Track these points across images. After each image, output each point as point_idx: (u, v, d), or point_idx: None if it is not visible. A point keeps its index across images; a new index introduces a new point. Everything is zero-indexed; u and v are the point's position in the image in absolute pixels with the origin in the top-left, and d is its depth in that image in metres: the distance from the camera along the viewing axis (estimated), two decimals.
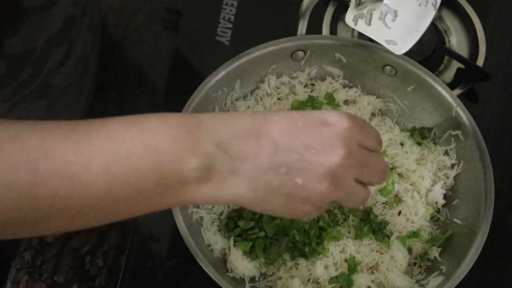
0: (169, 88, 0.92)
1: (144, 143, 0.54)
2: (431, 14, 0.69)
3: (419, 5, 0.69)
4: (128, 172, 0.53)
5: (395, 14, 0.70)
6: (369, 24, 0.71)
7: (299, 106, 0.84)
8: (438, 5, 0.69)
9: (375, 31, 0.71)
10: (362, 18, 0.71)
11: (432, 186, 0.82)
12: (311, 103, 0.83)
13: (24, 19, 0.63)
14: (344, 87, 0.87)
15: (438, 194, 0.82)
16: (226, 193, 0.56)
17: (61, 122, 0.54)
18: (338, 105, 0.85)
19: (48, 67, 0.71)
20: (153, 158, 0.54)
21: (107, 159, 0.53)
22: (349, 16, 0.72)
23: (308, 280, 0.77)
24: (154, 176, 0.54)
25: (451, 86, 0.91)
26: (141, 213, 0.58)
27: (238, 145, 0.55)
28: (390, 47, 0.71)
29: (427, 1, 0.69)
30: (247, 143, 0.56)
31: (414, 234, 0.80)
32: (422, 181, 0.82)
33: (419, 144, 0.85)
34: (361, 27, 0.72)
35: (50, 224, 0.54)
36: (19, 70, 0.67)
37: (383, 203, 0.81)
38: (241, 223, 0.77)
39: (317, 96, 0.85)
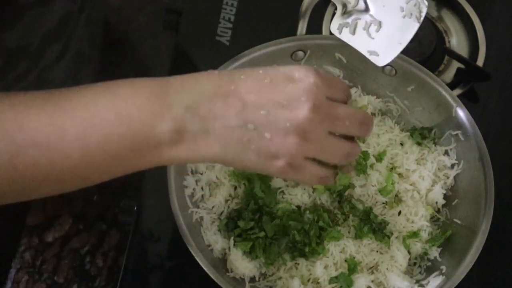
0: None
1: (115, 110, 0.56)
2: (414, 27, 0.70)
3: (404, 17, 0.70)
4: (102, 139, 0.56)
5: (380, 25, 0.70)
6: (353, 33, 0.72)
7: None
8: (422, 18, 0.70)
9: (359, 41, 0.72)
10: (346, 27, 0.72)
11: (432, 186, 0.82)
12: None
13: (20, 14, 0.63)
14: None
15: (438, 194, 0.82)
16: (199, 152, 0.58)
17: (36, 93, 0.56)
18: None
19: (44, 62, 0.71)
20: (125, 124, 0.56)
21: (81, 128, 0.55)
22: (334, 25, 0.72)
23: (308, 280, 0.77)
24: (127, 141, 0.56)
25: (451, 86, 0.91)
26: (118, 175, 0.60)
27: (207, 105, 0.57)
28: (372, 58, 0.71)
29: (411, 14, 0.70)
30: (216, 103, 0.57)
31: (414, 234, 0.80)
32: (422, 181, 0.82)
33: (419, 144, 0.85)
34: (345, 36, 0.72)
35: (34, 192, 0.57)
36: (14, 64, 0.68)
37: (383, 203, 0.81)
38: (241, 223, 0.77)
39: None
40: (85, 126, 0.55)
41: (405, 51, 0.86)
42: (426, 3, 0.70)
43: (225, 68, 0.81)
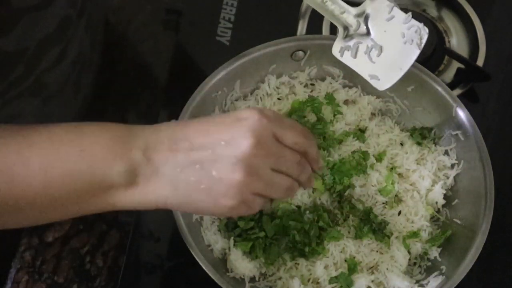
0: (169, 88, 0.92)
1: (80, 146, 0.58)
2: (415, 53, 0.71)
3: (405, 43, 0.71)
4: (64, 172, 0.58)
5: (381, 49, 0.71)
6: (355, 57, 0.73)
7: (299, 106, 0.84)
8: (422, 45, 0.71)
9: (360, 64, 0.73)
10: (348, 50, 0.72)
11: (432, 186, 0.82)
12: (311, 103, 0.83)
13: (16, 18, 0.64)
14: (344, 87, 0.87)
15: (438, 194, 0.82)
16: (151, 196, 0.60)
17: (9, 125, 0.59)
18: (338, 105, 0.85)
19: (42, 66, 0.72)
20: (87, 161, 0.58)
21: (46, 160, 0.57)
22: (336, 47, 0.73)
23: (308, 280, 0.77)
24: (87, 177, 0.58)
25: (451, 86, 0.91)
26: (76, 214, 0.62)
27: (160, 149, 0.60)
28: (373, 82, 0.72)
29: (412, 40, 0.70)
30: (168, 146, 0.60)
31: (414, 234, 0.80)
32: (422, 181, 0.82)
33: (419, 144, 0.85)
34: (347, 59, 0.73)
35: None
36: (11, 68, 0.68)
37: (383, 203, 0.81)
38: (241, 223, 0.77)
39: (317, 96, 0.85)
40: (50, 159, 0.58)
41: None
42: (427, 30, 0.71)
43: (225, 68, 0.81)
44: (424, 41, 0.70)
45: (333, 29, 0.98)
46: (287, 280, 0.76)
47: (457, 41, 1.00)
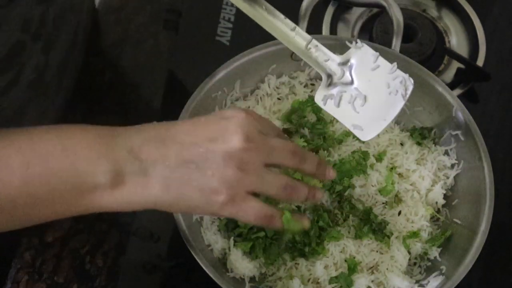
0: (169, 88, 0.92)
1: (62, 145, 0.57)
2: (400, 104, 0.70)
3: (389, 93, 0.70)
4: (45, 170, 0.57)
5: (365, 99, 0.70)
6: (338, 106, 0.71)
7: (299, 106, 0.84)
8: (407, 96, 0.70)
9: (343, 114, 0.71)
10: (331, 99, 0.71)
11: (432, 186, 0.82)
12: (311, 103, 0.83)
13: None
14: None
15: (438, 194, 0.82)
16: (139, 196, 0.59)
17: None
18: None
19: None
20: (70, 159, 0.57)
21: (26, 158, 0.56)
22: (319, 96, 0.72)
23: (308, 280, 0.77)
24: (69, 176, 0.57)
25: (451, 86, 0.91)
26: (59, 216, 0.61)
27: (147, 149, 0.59)
28: (356, 132, 0.71)
29: (397, 91, 0.70)
30: (155, 146, 0.60)
31: (414, 234, 0.80)
32: (422, 181, 0.82)
33: (419, 144, 0.85)
34: (329, 107, 0.72)
35: None
36: None
37: (383, 203, 0.81)
38: (241, 223, 0.77)
39: None
40: (29, 156, 0.57)
41: (405, 51, 0.86)
42: (412, 81, 0.70)
43: (225, 68, 0.81)
44: (409, 92, 0.70)
45: (333, 29, 0.98)
46: (287, 280, 0.76)
47: (457, 41, 1.00)
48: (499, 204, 0.77)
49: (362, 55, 0.71)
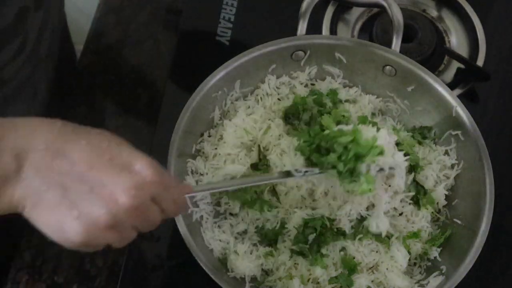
0: (169, 88, 0.92)
1: None
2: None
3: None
4: None
5: None
6: None
7: (301, 101, 0.83)
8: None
9: None
10: None
11: (434, 186, 0.82)
12: (313, 95, 0.83)
13: None
14: (344, 86, 0.87)
15: (440, 194, 0.82)
16: (5, 201, 0.55)
17: None
18: (341, 102, 0.85)
19: (2, 60, 0.69)
20: None
21: None
22: None
23: (308, 280, 0.77)
24: None
25: (451, 86, 0.91)
26: None
27: (34, 158, 0.55)
28: None
29: None
30: (41, 157, 0.55)
31: (414, 235, 0.80)
32: (425, 181, 0.82)
33: (419, 143, 0.84)
34: None
35: None
36: None
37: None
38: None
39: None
40: None
41: (405, 51, 0.86)
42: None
43: (225, 68, 0.81)
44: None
45: (333, 29, 0.98)
46: (287, 280, 0.76)
47: (457, 41, 1.00)
48: (499, 204, 0.77)
49: None
